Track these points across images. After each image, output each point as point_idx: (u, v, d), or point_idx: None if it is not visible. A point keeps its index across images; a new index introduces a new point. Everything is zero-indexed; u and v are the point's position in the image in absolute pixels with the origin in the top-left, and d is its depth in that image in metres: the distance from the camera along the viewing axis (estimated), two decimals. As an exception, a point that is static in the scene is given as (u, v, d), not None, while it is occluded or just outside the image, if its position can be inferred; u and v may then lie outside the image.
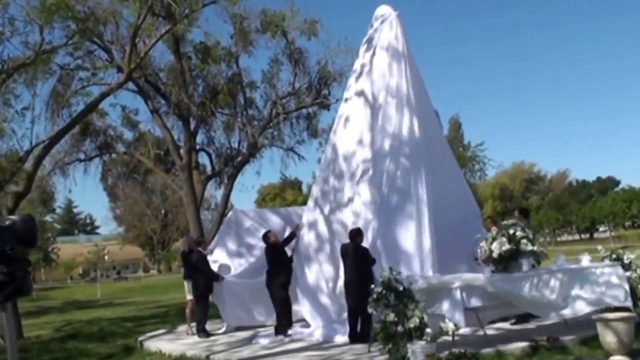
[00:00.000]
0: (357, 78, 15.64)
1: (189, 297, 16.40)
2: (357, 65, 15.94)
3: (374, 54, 15.16)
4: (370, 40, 15.57)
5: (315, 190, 15.76)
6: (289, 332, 14.50)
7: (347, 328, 12.85)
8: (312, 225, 15.12)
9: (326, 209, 14.94)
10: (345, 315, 13.03)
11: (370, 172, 14.17)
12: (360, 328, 12.55)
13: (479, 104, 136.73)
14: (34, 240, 3.98)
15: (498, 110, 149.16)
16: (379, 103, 14.62)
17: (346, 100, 15.92)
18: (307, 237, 15.11)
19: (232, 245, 16.82)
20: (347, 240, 13.16)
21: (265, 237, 15.42)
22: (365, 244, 13.20)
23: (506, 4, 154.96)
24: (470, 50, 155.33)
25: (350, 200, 14.48)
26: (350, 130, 15.22)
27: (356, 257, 12.78)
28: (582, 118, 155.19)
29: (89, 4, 18.76)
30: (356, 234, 13.03)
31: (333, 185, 15.11)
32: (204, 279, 15.88)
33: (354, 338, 12.58)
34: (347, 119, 15.44)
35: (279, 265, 15.02)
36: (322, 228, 14.82)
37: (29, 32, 16.52)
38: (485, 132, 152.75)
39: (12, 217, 3.91)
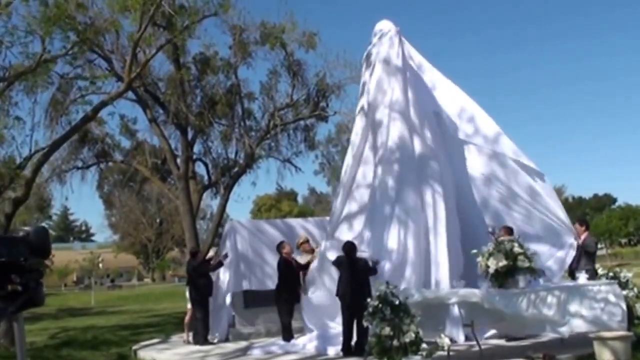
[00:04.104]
0: (361, 99, 15.81)
1: (190, 305, 16.49)
2: (360, 86, 16.08)
3: (374, 71, 15.21)
4: (369, 56, 15.64)
5: (333, 217, 15.65)
6: (283, 343, 14.51)
7: (341, 340, 12.83)
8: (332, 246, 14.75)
9: (341, 236, 14.77)
10: (340, 328, 13.01)
11: (378, 198, 14.14)
12: (355, 341, 12.52)
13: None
14: (47, 251, 4.01)
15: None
16: (381, 122, 14.65)
17: (356, 122, 16.08)
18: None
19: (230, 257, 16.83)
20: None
21: (280, 247, 15.42)
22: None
23: (502, 18, 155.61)
24: (467, 65, 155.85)
25: (361, 226, 14.50)
26: (357, 155, 15.32)
27: (351, 269, 12.74)
28: (579, 134, 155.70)
29: (90, 13, 18.80)
30: (350, 247, 13.01)
31: (344, 211, 15.13)
32: (204, 285, 15.97)
33: (347, 351, 12.55)
34: (353, 144, 15.54)
35: (290, 278, 15.02)
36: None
37: (30, 41, 16.55)
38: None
39: (26, 228, 3.95)
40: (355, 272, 12.68)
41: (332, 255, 13.74)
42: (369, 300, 10.69)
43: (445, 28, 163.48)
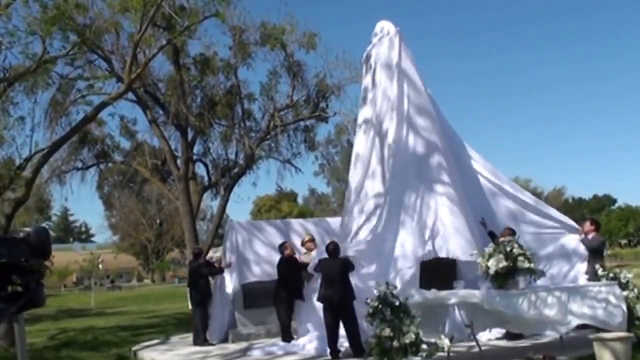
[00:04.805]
0: (363, 105, 15.80)
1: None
2: (361, 91, 16.10)
3: (374, 75, 15.20)
4: (369, 58, 15.63)
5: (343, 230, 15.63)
6: (284, 344, 14.49)
7: (327, 343, 12.68)
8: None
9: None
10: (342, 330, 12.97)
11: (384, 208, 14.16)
12: (350, 342, 12.43)
13: (475, 120, 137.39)
14: (47, 252, 4.01)
15: (494, 127, 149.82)
16: (385, 126, 14.64)
17: (359, 127, 16.03)
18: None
19: (231, 258, 16.82)
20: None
21: (282, 248, 15.41)
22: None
23: (502, 19, 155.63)
24: (468, 66, 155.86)
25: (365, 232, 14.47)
26: (362, 164, 15.34)
27: (339, 271, 12.54)
28: (579, 135, 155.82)
29: (90, 14, 18.80)
30: (334, 248, 12.88)
31: (355, 223, 15.10)
32: (203, 286, 16.00)
33: (335, 355, 12.49)
34: (359, 156, 15.57)
35: (290, 279, 14.97)
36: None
37: (30, 42, 16.56)
38: (481, 147, 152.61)
39: (27, 228, 3.94)
40: (340, 273, 12.53)
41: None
42: (369, 300, 10.66)
43: (445, 28, 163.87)
